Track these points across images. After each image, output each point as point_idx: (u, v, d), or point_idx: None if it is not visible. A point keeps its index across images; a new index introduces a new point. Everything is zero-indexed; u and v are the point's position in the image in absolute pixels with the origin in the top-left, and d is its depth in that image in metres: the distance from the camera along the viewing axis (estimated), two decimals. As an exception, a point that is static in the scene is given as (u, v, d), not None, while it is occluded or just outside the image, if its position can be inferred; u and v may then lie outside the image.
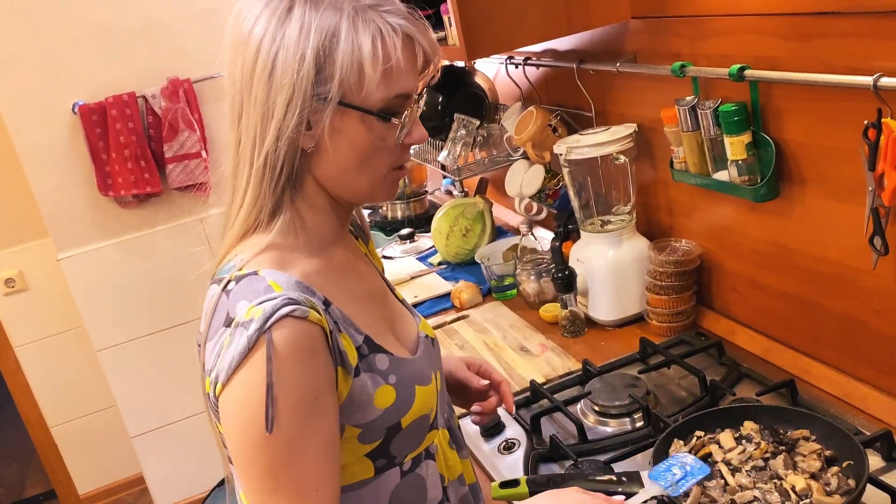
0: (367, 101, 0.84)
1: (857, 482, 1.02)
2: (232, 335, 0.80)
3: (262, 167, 0.84)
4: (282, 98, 0.81)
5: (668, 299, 1.60)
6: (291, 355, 0.78)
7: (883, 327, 1.21)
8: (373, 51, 0.82)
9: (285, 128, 0.82)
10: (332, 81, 0.81)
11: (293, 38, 0.81)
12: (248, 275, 0.83)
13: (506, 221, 2.45)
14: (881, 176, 1.08)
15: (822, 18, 1.15)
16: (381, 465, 0.91)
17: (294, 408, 0.79)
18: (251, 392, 0.78)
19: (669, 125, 1.49)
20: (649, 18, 1.53)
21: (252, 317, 0.78)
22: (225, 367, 0.79)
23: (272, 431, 0.78)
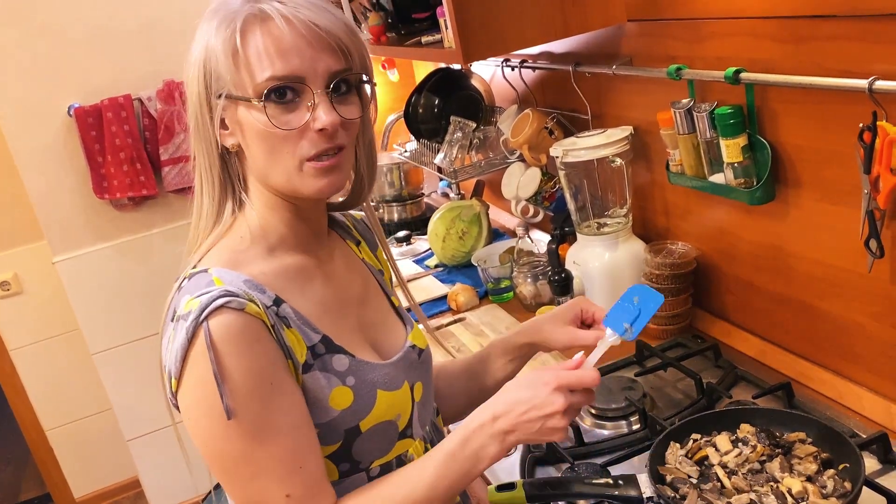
0: (247, 90, 0.85)
1: (853, 485, 1.02)
2: (175, 329, 0.82)
3: (202, 171, 0.90)
4: (192, 104, 0.88)
5: (665, 302, 1.60)
6: (231, 344, 0.80)
7: (878, 330, 1.21)
8: (225, 39, 0.84)
9: (204, 132, 0.88)
10: (211, 79, 0.86)
11: (193, 52, 0.88)
12: (199, 272, 0.86)
13: (502, 224, 2.45)
14: (876, 179, 1.08)
15: (817, 21, 1.15)
16: (345, 469, 0.91)
17: (251, 392, 0.80)
18: (202, 383, 0.79)
19: (665, 128, 1.49)
20: (645, 21, 1.54)
21: (190, 309, 0.81)
22: (173, 361, 0.81)
23: (232, 418, 0.79)
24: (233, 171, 0.91)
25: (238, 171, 0.92)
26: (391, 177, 2.59)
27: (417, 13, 2.04)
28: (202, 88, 0.87)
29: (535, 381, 0.87)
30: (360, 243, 1.10)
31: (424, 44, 1.77)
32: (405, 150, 2.46)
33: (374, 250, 1.13)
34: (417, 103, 2.24)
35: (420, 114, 2.25)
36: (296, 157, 0.86)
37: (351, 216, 1.13)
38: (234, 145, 0.89)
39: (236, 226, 0.92)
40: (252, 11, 0.85)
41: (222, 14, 0.86)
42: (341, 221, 1.11)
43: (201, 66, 0.86)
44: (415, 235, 2.50)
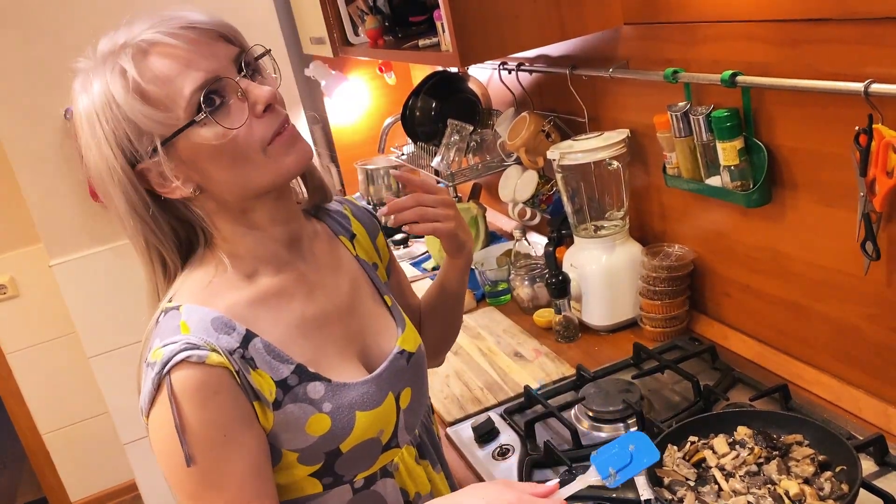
0: (177, 120, 0.81)
1: (850, 487, 1.03)
2: (146, 373, 0.84)
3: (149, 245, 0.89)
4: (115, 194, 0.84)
5: (662, 304, 1.60)
6: (191, 397, 0.81)
7: (874, 332, 1.22)
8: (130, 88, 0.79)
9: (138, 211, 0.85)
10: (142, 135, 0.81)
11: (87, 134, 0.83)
12: (172, 309, 0.87)
13: (499, 227, 2.45)
14: (872, 181, 1.09)
15: (813, 25, 1.15)
16: (329, 482, 0.92)
17: (204, 443, 0.82)
18: (164, 429, 0.82)
19: (662, 131, 1.49)
20: (642, 24, 1.54)
21: (156, 359, 0.82)
22: (144, 400, 0.84)
23: (191, 465, 0.81)
24: (194, 216, 0.88)
25: (199, 212, 0.88)
26: (388, 180, 2.60)
27: (414, 16, 2.04)
28: (121, 164, 0.82)
29: (497, 498, 0.81)
30: (356, 237, 1.08)
31: (421, 47, 1.77)
32: (402, 153, 2.46)
33: (375, 238, 1.11)
34: (414, 106, 2.24)
35: (417, 117, 2.25)
36: (259, 148, 0.83)
37: (350, 203, 1.12)
38: (191, 189, 0.85)
39: (209, 257, 0.90)
40: (135, 47, 0.81)
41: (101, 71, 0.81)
42: (338, 211, 1.08)
43: (108, 140, 0.81)
44: (412, 238, 2.50)
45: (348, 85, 2.80)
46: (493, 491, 0.83)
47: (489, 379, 1.62)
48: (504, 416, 1.46)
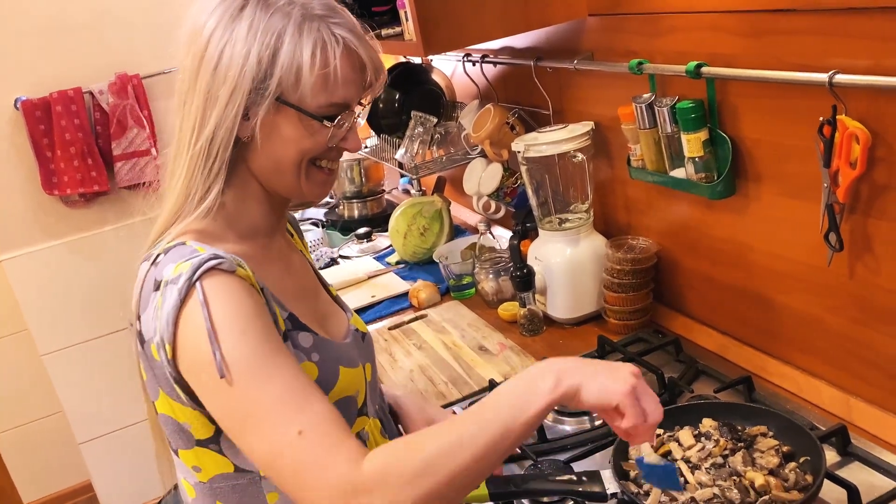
0: (302, 101, 0.88)
1: (814, 477, 1.03)
2: (163, 294, 0.82)
3: (198, 152, 0.88)
4: (225, 89, 0.86)
5: (626, 297, 1.60)
6: (224, 297, 0.80)
7: (837, 323, 1.22)
8: (311, 56, 0.87)
9: (225, 116, 0.87)
10: (272, 79, 0.87)
11: (241, 36, 0.86)
12: (175, 245, 0.87)
13: (464, 220, 2.43)
14: (836, 172, 1.09)
15: (777, 15, 1.15)
16: None
17: (246, 337, 0.79)
18: (197, 341, 0.79)
19: (627, 123, 1.49)
20: (606, 16, 1.53)
21: (180, 272, 0.81)
22: (164, 325, 0.81)
23: (224, 376, 0.77)
24: (231, 158, 0.91)
25: (233, 158, 0.91)
26: (351, 173, 2.56)
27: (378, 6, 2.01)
28: (248, 79, 0.86)
29: (611, 363, 0.85)
30: (294, 236, 1.14)
31: (384, 36, 1.74)
32: (365, 145, 2.43)
33: (301, 237, 1.18)
34: (378, 98, 2.21)
35: (380, 109, 2.22)
36: (307, 160, 0.92)
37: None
38: (247, 136, 0.90)
39: (205, 208, 0.91)
40: (330, 35, 0.88)
41: (297, 24, 0.87)
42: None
43: (253, 58, 0.86)
44: (375, 232, 2.47)
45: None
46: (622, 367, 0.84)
47: (454, 373, 1.60)
48: (469, 410, 1.44)
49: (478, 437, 0.75)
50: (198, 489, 0.95)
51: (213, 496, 0.94)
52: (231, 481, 0.92)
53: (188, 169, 0.89)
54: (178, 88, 0.91)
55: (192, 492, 0.96)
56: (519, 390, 0.79)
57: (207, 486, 0.93)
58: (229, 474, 0.92)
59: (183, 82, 0.90)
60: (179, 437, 0.91)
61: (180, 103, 0.90)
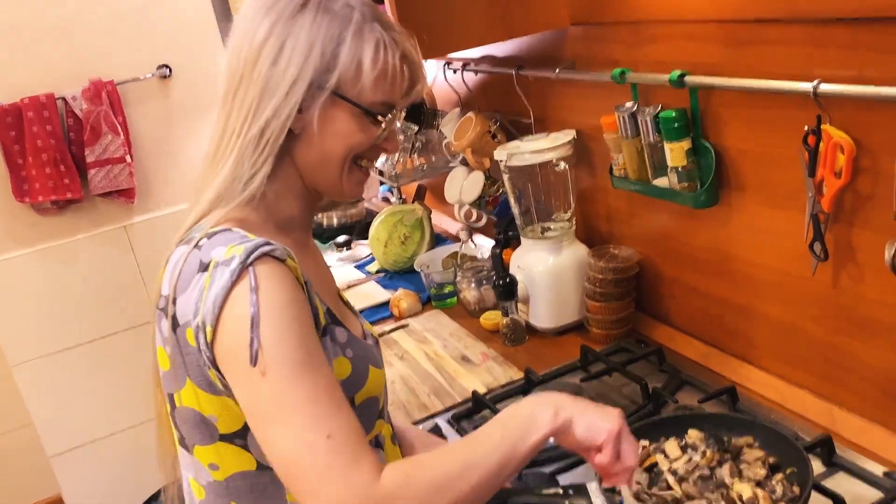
0: (359, 97, 0.90)
1: (801, 489, 1.02)
2: (212, 275, 0.81)
3: (251, 139, 0.88)
4: (286, 80, 0.87)
5: (608, 306, 1.59)
6: (275, 287, 0.80)
7: (820, 333, 1.22)
8: (374, 54, 0.90)
9: (282, 107, 0.87)
10: (333, 72, 0.88)
11: (305, 30, 0.88)
12: (221, 231, 0.86)
13: (444, 229, 2.42)
14: (821, 182, 1.09)
15: (760, 25, 1.15)
16: None
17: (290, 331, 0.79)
18: (241, 326, 0.78)
19: (609, 132, 1.48)
20: (589, 25, 1.53)
21: (233, 255, 0.81)
22: (210, 307, 0.79)
23: (257, 365, 0.77)
24: (281, 148, 0.91)
25: (282, 149, 0.91)
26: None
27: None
28: (310, 70, 0.88)
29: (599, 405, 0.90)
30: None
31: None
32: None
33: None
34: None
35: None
36: (351, 157, 0.94)
37: None
38: (299, 128, 0.91)
39: (248, 195, 0.90)
40: (389, 38, 0.91)
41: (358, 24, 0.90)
42: None
43: (317, 51, 0.88)
44: (355, 241, 2.44)
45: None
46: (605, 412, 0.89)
47: (436, 384, 1.58)
48: (452, 422, 1.42)
49: (487, 460, 0.81)
50: (210, 489, 0.91)
51: (227, 496, 0.91)
52: (251, 480, 0.89)
53: (237, 154, 0.89)
54: (228, 81, 0.91)
55: (202, 492, 0.92)
56: (522, 418, 0.85)
57: (223, 484, 0.90)
58: (250, 472, 0.89)
59: (234, 75, 0.90)
60: (201, 431, 0.88)
61: (229, 95, 0.90)
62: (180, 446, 0.93)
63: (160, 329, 0.87)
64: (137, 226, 2.68)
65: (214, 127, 0.93)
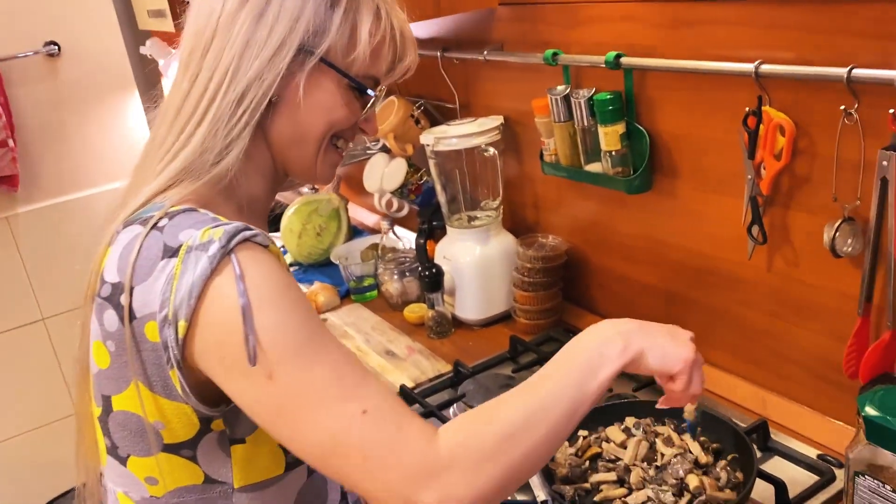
0: (348, 67, 0.83)
1: (744, 475, 1.01)
2: (184, 261, 0.70)
3: (229, 104, 0.78)
4: (273, 39, 0.78)
5: (536, 296, 1.55)
6: (264, 272, 0.70)
7: (752, 318, 1.22)
8: (372, 22, 0.82)
9: (267, 70, 0.78)
10: (325, 36, 0.80)
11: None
12: (184, 210, 0.75)
13: (360, 221, 2.33)
14: (760, 164, 1.08)
15: (697, 5, 1.13)
16: (291, 459, 0.82)
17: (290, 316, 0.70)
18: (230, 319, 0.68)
19: (540, 116, 1.44)
20: (518, 4, 1.48)
21: (210, 238, 0.70)
22: (183, 298, 0.69)
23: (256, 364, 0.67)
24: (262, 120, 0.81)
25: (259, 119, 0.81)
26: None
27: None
28: (301, 31, 0.79)
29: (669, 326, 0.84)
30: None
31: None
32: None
33: None
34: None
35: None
36: (330, 135, 0.86)
37: None
38: (277, 96, 0.81)
39: (216, 172, 0.79)
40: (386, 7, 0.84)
41: None
42: None
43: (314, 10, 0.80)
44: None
45: (192, 66, 2.57)
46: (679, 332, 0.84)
47: (359, 380, 1.50)
48: (378, 419, 1.35)
49: (554, 404, 0.71)
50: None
51: None
52: (197, 495, 0.79)
53: (211, 122, 0.78)
54: (196, 36, 0.80)
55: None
56: (588, 354, 0.75)
57: (162, 500, 0.80)
58: (196, 486, 0.79)
59: (204, 28, 0.80)
60: (141, 439, 0.77)
61: (196, 52, 0.80)
62: (110, 456, 0.81)
63: (100, 322, 0.75)
64: (22, 217, 2.47)
65: (174, 90, 0.82)
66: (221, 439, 0.77)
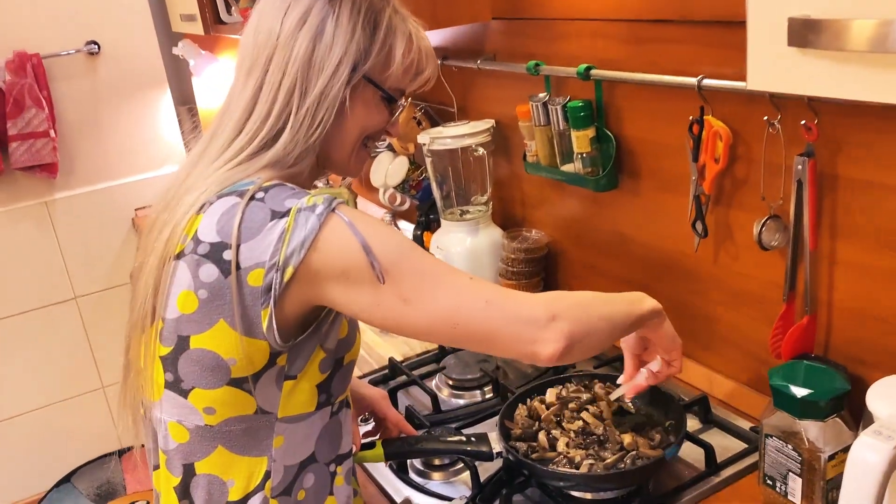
0: (384, 81, 0.98)
1: (677, 438, 1.15)
2: (296, 220, 0.86)
3: (306, 115, 0.94)
4: (332, 59, 0.93)
5: (519, 284, 1.70)
6: (367, 218, 0.89)
7: (701, 305, 1.36)
8: (406, 45, 0.98)
9: (330, 86, 0.94)
10: (370, 56, 0.95)
11: (346, 12, 0.94)
12: (277, 185, 0.91)
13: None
14: (703, 167, 1.22)
15: (656, 25, 1.28)
16: (322, 399, 0.98)
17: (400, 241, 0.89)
18: (351, 249, 0.86)
19: (524, 120, 1.59)
20: (508, 20, 1.64)
21: (315, 203, 0.87)
22: (297, 247, 0.85)
23: (386, 282, 0.86)
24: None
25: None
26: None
27: None
28: (354, 50, 0.94)
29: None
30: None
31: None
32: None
33: None
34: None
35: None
36: (363, 138, 1.01)
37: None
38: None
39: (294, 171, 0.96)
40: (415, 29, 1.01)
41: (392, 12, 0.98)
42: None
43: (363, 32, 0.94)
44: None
45: (219, 66, 2.75)
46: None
47: (354, 354, 1.65)
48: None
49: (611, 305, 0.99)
50: (197, 432, 0.94)
51: (215, 440, 0.93)
52: (247, 423, 0.93)
53: (291, 130, 0.94)
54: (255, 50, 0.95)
55: (185, 435, 0.94)
56: (631, 294, 1.04)
57: (214, 428, 0.93)
58: (247, 416, 0.93)
59: (264, 44, 0.94)
60: (211, 373, 0.90)
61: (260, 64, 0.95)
62: (168, 390, 0.94)
63: (194, 274, 0.89)
64: (59, 202, 2.66)
65: (236, 96, 0.97)
66: (279, 374, 0.91)
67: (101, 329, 2.81)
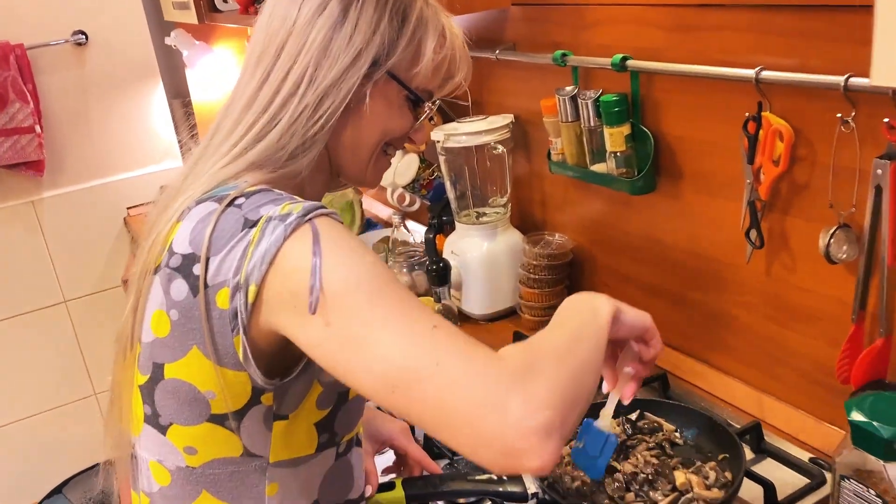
0: (411, 80, 0.87)
1: (733, 475, 1.02)
2: (262, 230, 0.73)
3: (308, 108, 0.82)
4: (351, 49, 0.83)
5: (541, 293, 1.58)
6: (341, 234, 0.73)
7: (751, 320, 1.23)
8: (437, 41, 0.87)
9: (344, 78, 0.82)
10: (395, 50, 0.85)
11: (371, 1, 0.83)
12: (262, 190, 0.78)
13: (375, 214, 2.36)
14: (759, 169, 1.09)
15: (703, 10, 1.15)
16: (324, 440, 0.86)
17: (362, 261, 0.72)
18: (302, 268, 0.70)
19: (548, 115, 1.46)
20: (530, 5, 1.50)
21: (290, 211, 0.73)
22: (256, 263, 0.72)
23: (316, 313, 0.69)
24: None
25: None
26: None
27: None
28: (377, 43, 0.84)
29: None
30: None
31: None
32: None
33: None
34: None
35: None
36: (383, 143, 0.90)
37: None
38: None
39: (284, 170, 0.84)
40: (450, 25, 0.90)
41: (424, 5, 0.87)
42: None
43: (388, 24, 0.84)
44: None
45: (213, 57, 2.62)
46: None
47: (364, 370, 1.53)
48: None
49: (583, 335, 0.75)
50: (179, 474, 0.82)
51: (198, 484, 0.82)
52: (232, 467, 0.81)
53: (287, 123, 0.82)
54: (269, 35, 0.84)
55: (167, 477, 0.83)
56: (584, 305, 0.80)
57: (198, 471, 0.82)
58: (233, 459, 0.81)
59: (279, 29, 0.84)
60: (188, 408, 0.78)
61: (271, 51, 0.84)
62: (147, 425, 0.83)
63: (166, 291, 0.77)
64: (47, 201, 2.54)
65: (241, 86, 0.86)
66: (267, 414, 0.79)
67: (93, 334, 2.68)
